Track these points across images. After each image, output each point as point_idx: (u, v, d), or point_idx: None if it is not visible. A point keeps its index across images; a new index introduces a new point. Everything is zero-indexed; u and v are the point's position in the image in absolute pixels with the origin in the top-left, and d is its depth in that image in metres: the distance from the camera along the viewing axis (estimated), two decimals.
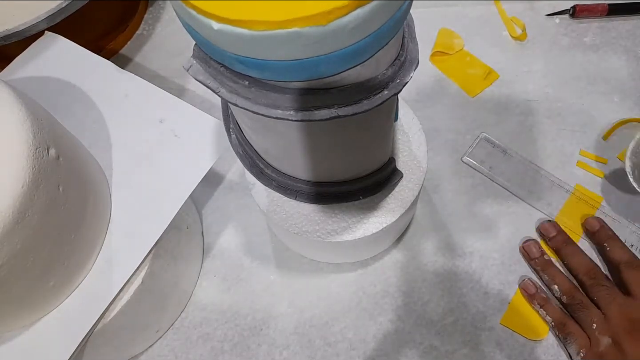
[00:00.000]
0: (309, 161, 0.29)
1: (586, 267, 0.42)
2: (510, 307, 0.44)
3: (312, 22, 0.17)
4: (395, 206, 0.38)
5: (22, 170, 0.27)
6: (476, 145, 0.50)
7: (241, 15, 0.17)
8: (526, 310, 0.43)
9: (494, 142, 0.49)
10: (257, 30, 0.17)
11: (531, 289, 0.43)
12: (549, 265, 0.44)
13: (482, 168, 0.48)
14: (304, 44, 0.18)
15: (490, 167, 0.48)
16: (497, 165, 0.49)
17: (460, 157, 0.50)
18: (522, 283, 0.44)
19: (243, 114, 0.26)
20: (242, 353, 0.44)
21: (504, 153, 0.48)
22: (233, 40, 0.18)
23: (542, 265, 0.44)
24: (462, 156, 0.50)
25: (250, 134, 0.30)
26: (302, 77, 0.20)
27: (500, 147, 0.49)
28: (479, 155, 0.49)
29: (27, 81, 0.43)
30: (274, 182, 0.33)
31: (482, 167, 0.48)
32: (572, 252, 0.44)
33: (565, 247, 0.44)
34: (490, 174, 0.48)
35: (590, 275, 0.42)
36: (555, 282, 0.43)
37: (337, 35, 0.18)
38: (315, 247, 0.42)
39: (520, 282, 0.44)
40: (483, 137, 0.50)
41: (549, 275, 0.43)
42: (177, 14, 0.20)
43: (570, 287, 0.42)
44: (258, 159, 0.33)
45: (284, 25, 0.17)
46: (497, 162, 0.49)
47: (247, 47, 0.19)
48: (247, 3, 0.17)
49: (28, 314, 0.33)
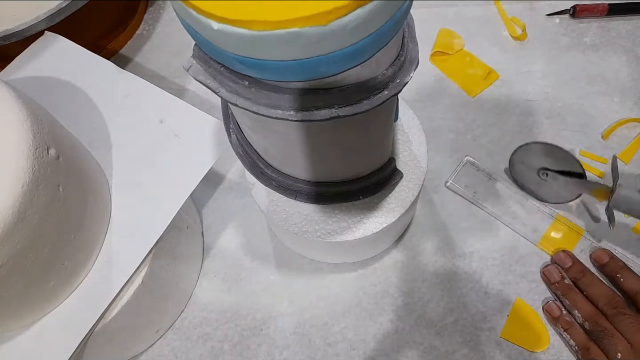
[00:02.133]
0: (309, 161, 0.29)
1: (606, 296, 0.41)
2: (509, 318, 0.43)
3: (312, 22, 0.17)
4: (395, 206, 0.38)
5: (22, 170, 0.27)
6: (460, 169, 0.49)
7: (241, 15, 0.17)
8: (526, 322, 0.43)
9: (478, 166, 0.49)
10: (256, 30, 0.17)
11: (556, 312, 0.42)
12: (570, 289, 0.42)
13: (466, 193, 0.47)
14: (304, 44, 0.18)
15: (474, 192, 0.47)
16: (482, 190, 0.48)
17: (445, 182, 0.50)
18: (546, 305, 0.43)
19: (243, 114, 0.26)
20: (242, 353, 0.44)
21: (489, 177, 0.48)
22: (233, 40, 0.18)
23: (563, 289, 0.42)
24: (446, 181, 0.49)
25: (250, 134, 0.30)
26: (302, 77, 0.20)
27: (484, 172, 0.48)
28: (463, 180, 0.48)
29: (27, 81, 0.43)
30: (274, 182, 0.33)
31: (466, 192, 0.47)
32: (590, 282, 0.42)
33: (584, 277, 0.43)
34: (475, 199, 0.48)
35: (611, 305, 0.40)
36: (577, 307, 0.41)
37: (337, 35, 0.18)
38: (315, 247, 0.42)
39: (544, 305, 0.43)
40: (467, 160, 0.49)
41: (570, 300, 0.42)
42: (177, 14, 0.20)
43: (592, 313, 0.40)
44: (258, 159, 0.33)
45: (283, 25, 0.17)
46: (482, 187, 0.48)
47: (247, 47, 0.19)
48: (247, 3, 0.17)
49: (28, 314, 0.33)
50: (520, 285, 0.45)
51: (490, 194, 0.48)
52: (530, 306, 0.44)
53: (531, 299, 0.44)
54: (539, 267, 0.45)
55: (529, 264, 0.46)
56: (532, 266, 0.45)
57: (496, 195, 0.48)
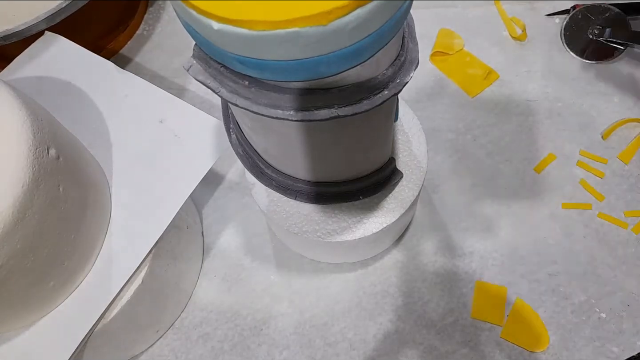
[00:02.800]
0: (309, 161, 0.29)
1: None
2: (509, 319, 0.43)
3: (312, 22, 0.17)
4: (395, 206, 0.38)
5: (22, 170, 0.27)
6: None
7: (241, 15, 0.17)
8: (526, 321, 0.43)
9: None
10: (257, 30, 0.17)
11: None
12: None
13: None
14: (304, 44, 0.18)
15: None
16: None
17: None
18: None
19: (243, 114, 0.26)
20: (242, 353, 0.44)
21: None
22: (233, 40, 0.18)
23: None
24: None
25: (250, 134, 0.30)
26: (302, 77, 0.20)
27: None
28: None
29: (27, 81, 0.43)
30: (274, 182, 0.33)
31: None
32: None
33: None
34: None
35: None
36: None
37: (337, 35, 0.18)
38: (315, 247, 0.42)
39: None
40: None
41: None
42: (178, 14, 0.20)
43: None
44: (258, 158, 0.33)
45: (283, 25, 0.17)
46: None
47: (247, 47, 0.19)
48: (246, 3, 0.17)
49: (28, 314, 0.33)
50: (520, 285, 0.45)
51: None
52: (529, 306, 0.44)
53: (531, 299, 0.44)
54: (539, 267, 0.45)
55: (529, 264, 0.46)
56: (532, 266, 0.45)
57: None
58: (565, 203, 0.48)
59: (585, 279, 0.45)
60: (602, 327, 0.43)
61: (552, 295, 0.44)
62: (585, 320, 0.43)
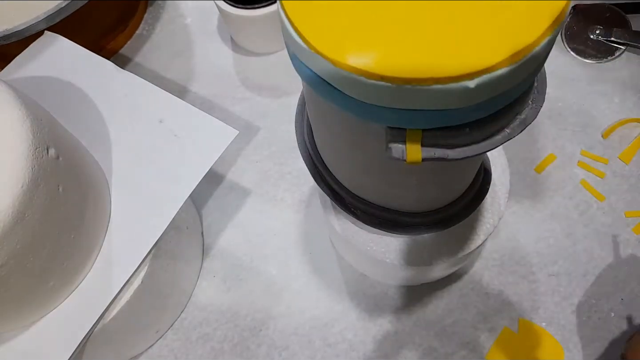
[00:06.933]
0: (408, 197, 0.28)
1: None
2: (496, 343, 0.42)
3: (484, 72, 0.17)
4: (473, 235, 0.36)
5: (22, 170, 0.27)
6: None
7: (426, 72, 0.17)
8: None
9: None
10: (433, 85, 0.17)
11: None
12: None
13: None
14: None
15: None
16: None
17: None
18: None
19: (363, 155, 0.24)
20: (242, 353, 0.44)
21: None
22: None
23: None
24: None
25: (346, 175, 0.29)
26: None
27: None
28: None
29: (27, 81, 0.43)
30: (359, 211, 0.32)
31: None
32: None
33: None
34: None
35: None
36: None
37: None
38: (389, 271, 0.41)
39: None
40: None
41: None
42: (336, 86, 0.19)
43: None
44: (345, 191, 0.31)
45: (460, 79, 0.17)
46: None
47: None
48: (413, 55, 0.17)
49: (28, 314, 0.33)
50: (520, 285, 0.45)
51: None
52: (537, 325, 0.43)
53: (531, 299, 0.44)
54: (539, 267, 0.45)
55: (529, 264, 0.45)
56: (533, 267, 0.45)
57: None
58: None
59: (585, 279, 0.45)
60: (602, 328, 0.43)
61: (552, 296, 0.44)
62: (586, 321, 0.43)
